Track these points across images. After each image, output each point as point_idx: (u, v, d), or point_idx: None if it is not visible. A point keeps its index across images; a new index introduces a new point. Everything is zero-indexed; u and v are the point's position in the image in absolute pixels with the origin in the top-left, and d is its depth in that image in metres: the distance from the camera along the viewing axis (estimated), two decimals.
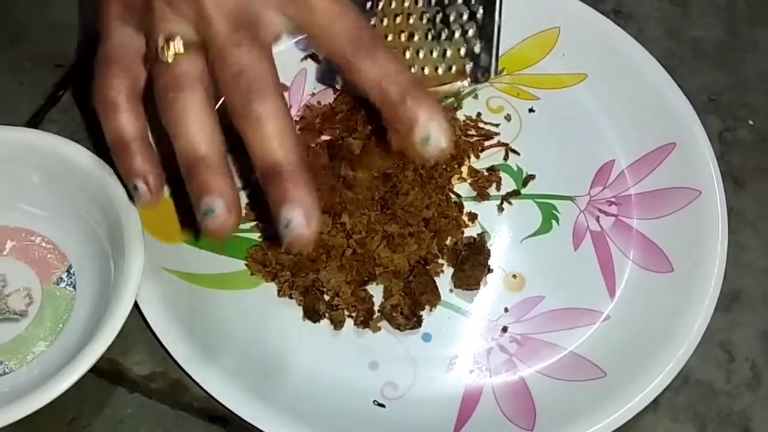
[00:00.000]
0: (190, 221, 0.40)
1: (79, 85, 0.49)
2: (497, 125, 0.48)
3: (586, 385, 0.41)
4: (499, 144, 0.48)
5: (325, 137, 0.47)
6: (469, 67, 0.39)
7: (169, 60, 0.36)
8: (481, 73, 0.39)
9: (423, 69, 0.39)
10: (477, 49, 0.38)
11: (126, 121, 0.38)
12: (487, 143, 0.48)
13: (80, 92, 0.49)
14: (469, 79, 0.39)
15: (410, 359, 0.42)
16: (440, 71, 0.39)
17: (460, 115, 0.48)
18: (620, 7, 0.54)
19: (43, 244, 0.42)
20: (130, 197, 0.39)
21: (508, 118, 0.49)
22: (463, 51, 0.38)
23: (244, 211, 0.44)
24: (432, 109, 0.36)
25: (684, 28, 0.54)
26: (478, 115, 0.49)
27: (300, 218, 0.35)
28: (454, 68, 0.39)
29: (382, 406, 0.40)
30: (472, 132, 0.48)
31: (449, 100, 0.48)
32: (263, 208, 0.44)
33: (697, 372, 0.42)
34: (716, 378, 0.42)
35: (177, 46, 0.36)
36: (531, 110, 0.49)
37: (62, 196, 0.42)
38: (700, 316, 0.41)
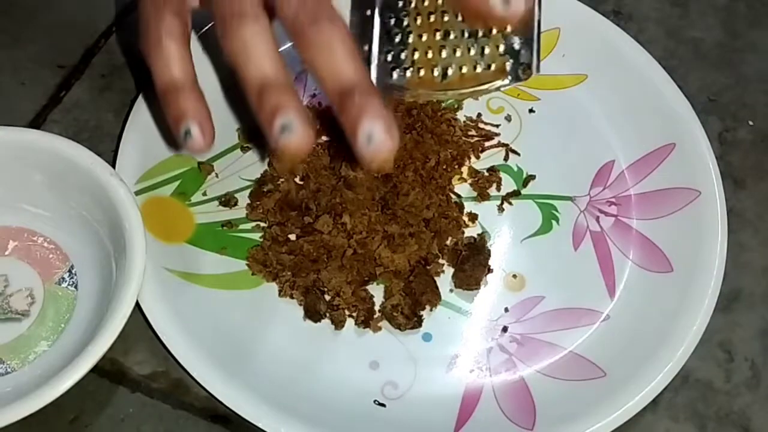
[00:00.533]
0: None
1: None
2: (497, 126, 0.48)
3: (586, 385, 0.41)
4: (500, 144, 0.48)
5: (325, 138, 0.47)
6: (509, 64, 0.37)
7: None
8: (522, 69, 0.37)
9: (461, 68, 0.37)
10: (517, 45, 0.37)
11: (178, 63, 0.37)
12: (487, 144, 0.48)
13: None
14: (510, 77, 0.38)
15: (411, 359, 0.42)
16: (479, 70, 0.37)
17: (461, 115, 0.48)
18: (620, 8, 0.54)
19: (45, 245, 0.43)
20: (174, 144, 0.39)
21: (508, 118, 0.49)
22: (502, 48, 0.37)
23: (245, 212, 0.45)
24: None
25: (683, 28, 0.54)
26: (479, 115, 0.49)
27: (381, 128, 0.34)
28: (493, 66, 0.37)
29: (383, 405, 0.40)
30: (473, 132, 0.48)
31: (450, 101, 0.48)
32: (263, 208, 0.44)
33: (696, 372, 0.42)
34: (716, 378, 0.42)
35: None
36: (531, 110, 0.49)
37: (64, 196, 0.42)
38: (700, 315, 0.41)
